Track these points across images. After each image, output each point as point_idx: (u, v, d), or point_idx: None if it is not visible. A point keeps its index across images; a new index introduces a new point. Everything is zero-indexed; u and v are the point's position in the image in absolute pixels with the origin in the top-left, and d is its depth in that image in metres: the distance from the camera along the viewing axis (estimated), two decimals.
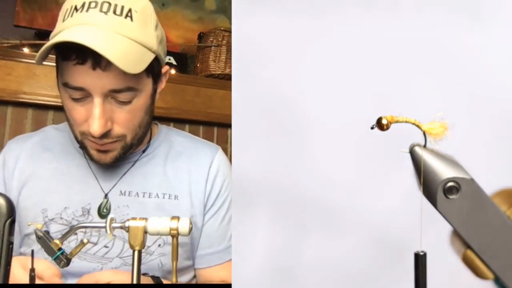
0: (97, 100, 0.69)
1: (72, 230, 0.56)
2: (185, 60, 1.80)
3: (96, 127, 0.69)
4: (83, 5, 0.68)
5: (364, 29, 0.54)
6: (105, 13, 0.68)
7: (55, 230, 0.77)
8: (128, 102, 0.72)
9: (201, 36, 1.77)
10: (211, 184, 0.85)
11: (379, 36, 0.53)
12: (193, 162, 0.86)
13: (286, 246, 0.72)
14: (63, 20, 0.70)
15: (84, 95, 0.70)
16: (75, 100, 0.71)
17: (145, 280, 0.70)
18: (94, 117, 0.69)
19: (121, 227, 0.55)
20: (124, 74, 0.67)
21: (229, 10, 2.01)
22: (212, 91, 1.71)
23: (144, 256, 0.78)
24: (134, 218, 0.55)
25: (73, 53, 0.67)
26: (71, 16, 0.69)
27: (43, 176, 0.81)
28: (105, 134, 0.72)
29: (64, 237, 0.56)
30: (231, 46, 1.40)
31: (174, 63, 1.74)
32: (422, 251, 0.36)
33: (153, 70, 0.75)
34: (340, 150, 0.66)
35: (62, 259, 0.56)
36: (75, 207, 0.78)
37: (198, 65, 1.76)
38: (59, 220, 0.78)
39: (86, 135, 0.73)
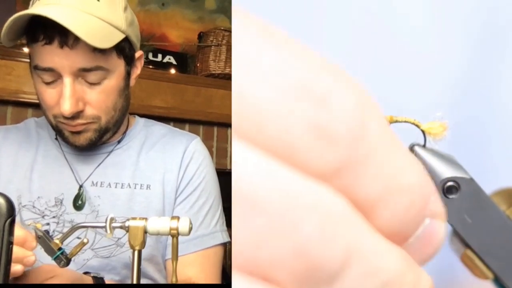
0: (67, 80, 0.70)
1: (72, 229, 0.56)
2: (185, 60, 1.80)
3: (66, 106, 0.70)
4: None
5: (363, 29, 0.54)
6: None
7: (27, 217, 0.77)
8: (98, 83, 0.73)
9: (201, 36, 1.77)
10: (184, 170, 0.83)
11: (378, 39, 0.53)
12: (167, 150, 0.85)
13: None
14: (31, 6, 0.72)
15: (55, 77, 0.71)
16: (47, 83, 0.72)
17: (86, 280, 0.68)
18: (64, 96, 0.70)
19: (121, 227, 0.55)
20: (93, 52, 0.69)
21: (229, 10, 2.01)
22: (212, 91, 1.71)
23: (115, 248, 0.77)
24: (134, 218, 0.55)
25: (41, 34, 0.69)
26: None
27: (20, 164, 0.81)
28: (77, 115, 0.72)
29: (64, 236, 0.57)
30: (231, 45, 1.40)
31: (174, 63, 1.74)
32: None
33: (125, 51, 0.76)
34: None
35: (62, 258, 0.56)
36: (48, 197, 0.79)
37: (198, 65, 1.77)
38: (31, 208, 0.78)
39: (58, 118, 0.74)
